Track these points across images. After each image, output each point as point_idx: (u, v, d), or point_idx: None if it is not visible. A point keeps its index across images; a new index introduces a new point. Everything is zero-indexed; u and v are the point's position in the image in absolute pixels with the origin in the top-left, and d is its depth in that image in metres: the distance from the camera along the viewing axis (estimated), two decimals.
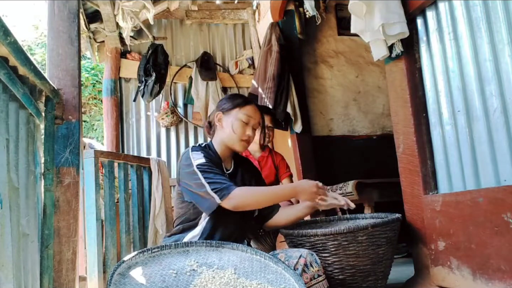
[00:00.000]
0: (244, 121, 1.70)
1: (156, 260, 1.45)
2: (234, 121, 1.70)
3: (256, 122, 1.74)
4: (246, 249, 1.53)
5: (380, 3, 1.91)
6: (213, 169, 1.59)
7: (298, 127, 3.51)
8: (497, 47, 1.62)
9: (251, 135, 1.71)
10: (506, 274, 1.54)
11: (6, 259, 1.09)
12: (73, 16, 1.78)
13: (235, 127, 1.70)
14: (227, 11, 4.59)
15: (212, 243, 1.55)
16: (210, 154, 1.68)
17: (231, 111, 1.73)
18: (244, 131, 1.70)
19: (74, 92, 1.72)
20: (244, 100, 1.76)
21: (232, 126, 1.70)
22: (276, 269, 1.45)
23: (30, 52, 8.92)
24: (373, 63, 4.03)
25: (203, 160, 1.60)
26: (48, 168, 1.59)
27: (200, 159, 1.61)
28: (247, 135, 1.70)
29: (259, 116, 1.76)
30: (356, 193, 2.98)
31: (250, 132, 1.71)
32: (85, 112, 8.26)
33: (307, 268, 1.48)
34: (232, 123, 1.70)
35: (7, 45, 1.14)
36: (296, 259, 1.49)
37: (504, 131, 1.60)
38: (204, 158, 1.61)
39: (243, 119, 1.70)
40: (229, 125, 1.71)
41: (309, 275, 1.47)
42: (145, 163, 2.97)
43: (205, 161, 1.60)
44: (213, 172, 1.58)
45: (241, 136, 1.70)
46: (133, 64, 4.28)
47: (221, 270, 1.41)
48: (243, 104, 1.73)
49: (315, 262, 1.51)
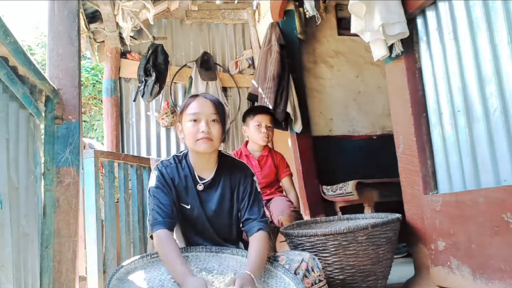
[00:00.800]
0: (192, 119, 1.53)
1: (155, 266, 1.45)
2: (185, 124, 1.56)
3: (209, 113, 1.53)
4: (246, 254, 1.52)
5: (380, 3, 1.91)
6: (156, 197, 1.52)
7: (298, 127, 3.51)
8: (497, 47, 1.62)
9: (206, 130, 1.51)
10: (506, 274, 1.54)
11: (6, 259, 1.09)
12: (73, 16, 1.78)
13: (186, 131, 1.55)
14: (227, 11, 4.59)
15: (212, 249, 1.55)
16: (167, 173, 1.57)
17: (181, 116, 1.59)
18: (196, 130, 1.52)
19: (74, 92, 1.72)
20: (189, 98, 1.60)
21: (185, 130, 1.56)
22: (276, 273, 1.45)
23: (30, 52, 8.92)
24: (373, 63, 4.02)
25: (153, 183, 1.55)
26: (48, 168, 1.59)
27: (152, 180, 1.57)
28: (202, 132, 1.51)
29: (211, 107, 1.54)
30: (356, 193, 2.98)
31: (203, 128, 1.51)
32: (85, 112, 8.26)
33: (309, 273, 1.46)
34: (184, 128, 1.57)
35: (7, 45, 1.14)
36: (298, 263, 1.47)
37: (504, 131, 1.60)
38: (156, 180, 1.55)
39: (190, 118, 1.53)
40: (184, 131, 1.57)
41: (310, 280, 1.45)
42: (145, 163, 2.97)
43: (154, 186, 1.54)
44: (156, 200, 1.52)
45: (195, 136, 1.52)
46: (133, 64, 4.28)
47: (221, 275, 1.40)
48: (187, 103, 1.57)
49: (317, 267, 1.49)
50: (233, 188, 1.62)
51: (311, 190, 3.48)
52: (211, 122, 1.54)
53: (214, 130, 1.53)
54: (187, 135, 1.55)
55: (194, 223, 1.60)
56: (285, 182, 2.69)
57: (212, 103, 1.56)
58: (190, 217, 1.59)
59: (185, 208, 1.58)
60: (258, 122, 2.57)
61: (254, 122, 2.58)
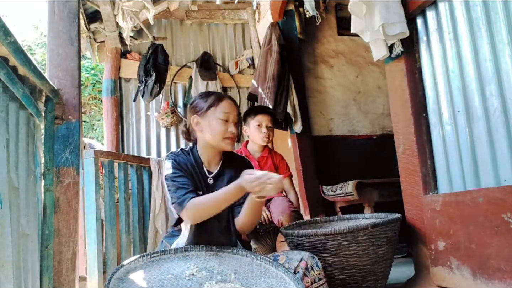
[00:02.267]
0: (223, 119, 1.62)
1: (155, 265, 1.45)
2: (213, 121, 1.62)
3: (235, 115, 1.66)
4: (246, 253, 1.53)
5: (380, 3, 1.91)
6: (176, 180, 1.55)
7: (298, 127, 3.51)
8: (497, 47, 1.62)
9: (234, 131, 1.63)
10: (506, 274, 1.54)
11: (6, 259, 1.09)
12: (73, 16, 1.78)
13: (215, 128, 1.62)
14: (227, 11, 4.59)
15: (212, 248, 1.55)
16: (181, 161, 1.62)
17: (207, 112, 1.64)
18: (226, 129, 1.62)
19: (74, 92, 1.72)
20: (218, 97, 1.67)
21: (212, 127, 1.63)
22: (276, 273, 1.45)
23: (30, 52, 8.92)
24: (373, 63, 4.03)
25: (170, 170, 1.58)
26: (48, 168, 1.59)
27: (168, 169, 1.59)
28: (230, 132, 1.62)
29: (236, 109, 1.67)
30: (356, 193, 2.98)
31: (232, 129, 1.62)
32: (85, 112, 8.26)
33: (308, 271, 1.47)
34: (210, 124, 1.63)
35: (7, 45, 1.14)
36: (297, 262, 1.48)
37: (504, 131, 1.60)
38: (171, 168, 1.58)
39: (221, 117, 1.62)
40: (208, 126, 1.63)
41: (310, 279, 1.46)
42: (145, 163, 2.97)
43: (171, 172, 1.57)
44: (176, 182, 1.54)
45: (224, 135, 1.62)
46: (133, 64, 4.28)
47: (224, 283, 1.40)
48: (217, 101, 1.65)
49: (316, 266, 1.50)
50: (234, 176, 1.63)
51: (311, 190, 3.48)
52: (235, 124, 1.65)
53: (236, 131, 1.66)
54: (214, 131, 1.61)
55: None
56: (285, 183, 2.68)
57: (236, 106, 1.69)
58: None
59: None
60: (258, 122, 2.57)
61: (254, 122, 2.58)
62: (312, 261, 1.50)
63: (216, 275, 1.41)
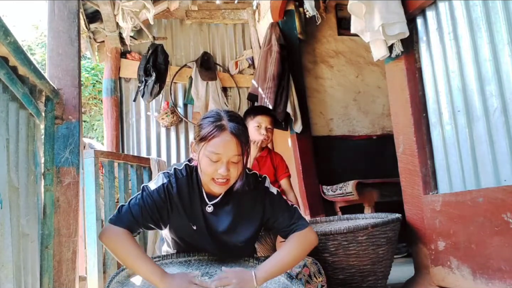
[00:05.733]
0: (212, 160, 1.33)
1: None
2: (202, 157, 1.35)
3: (232, 155, 1.33)
4: (249, 259, 1.51)
5: (380, 3, 1.91)
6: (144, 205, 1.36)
7: (298, 127, 3.51)
8: (497, 47, 1.62)
9: (225, 174, 1.33)
10: (506, 274, 1.54)
11: (6, 259, 1.09)
12: (73, 16, 1.78)
13: (203, 166, 1.36)
14: (227, 11, 4.59)
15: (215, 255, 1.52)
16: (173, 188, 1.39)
17: (200, 143, 1.37)
18: (214, 170, 1.33)
19: (74, 92, 1.72)
20: (214, 130, 1.33)
21: (201, 162, 1.36)
22: (279, 279, 1.43)
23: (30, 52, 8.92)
24: (373, 63, 4.03)
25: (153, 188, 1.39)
26: (48, 168, 1.59)
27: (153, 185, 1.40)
28: (219, 175, 1.33)
29: (233, 148, 1.32)
30: (356, 193, 2.98)
31: (223, 171, 1.32)
32: (85, 112, 8.26)
33: (311, 278, 1.45)
34: (201, 159, 1.36)
35: (7, 45, 1.14)
36: (300, 268, 1.46)
37: (504, 131, 1.60)
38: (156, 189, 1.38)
39: (210, 157, 1.33)
40: (199, 159, 1.37)
41: (312, 286, 1.45)
42: (145, 163, 2.97)
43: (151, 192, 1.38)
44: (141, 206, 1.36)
45: (210, 176, 1.35)
46: (133, 64, 4.28)
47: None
48: (210, 136, 1.33)
49: (319, 272, 1.48)
50: (247, 206, 1.46)
51: (311, 190, 3.48)
52: (232, 163, 1.35)
53: (234, 171, 1.35)
54: (203, 169, 1.37)
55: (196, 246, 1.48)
56: (283, 184, 2.69)
57: (238, 141, 1.34)
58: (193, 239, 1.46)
59: (189, 229, 1.43)
60: (258, 123, 2.56)
61: (254, 123, 2.58)
62: (314, 268, 1.48)
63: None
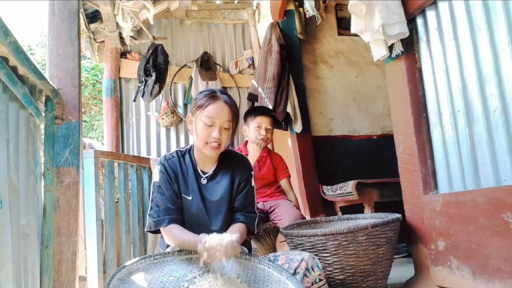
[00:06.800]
0: (206, 124, 1.53)
1: (158, 267, 1.44)
2: (198, 123, 1.56)
3: (224, 121, 1.54)
4: (250, 257, 1.52)
5: (380, 3, 1.91)
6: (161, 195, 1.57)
7: (298, 127, 3.51)
8: (497, 47, 1.62)
9: (218, 137, 1.53)
10: (506, 274, 1.54)
11: (6, 259, 1.09)
12: (73, 16, 1.78)
13: (198, 131, 1.56)
14: (227, 11, 4.59)
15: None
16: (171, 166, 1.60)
17: (196, 112, 1.58)
18: (208, 134, 1.53)
19: (74, 92, 1.72)
20: (209, 98, 1.56)
21: (197, 129, 1.57)
22: (279, 278, 1.43)
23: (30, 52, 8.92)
24: (373, 63, 4.03)
25: (157, 178, 1.59)
26: (48, 168, 1.59)
27: (156, 176, 1.60)
28: (213, 138, 1.53)
29: (227, 114, 1.55)
30: (356, 193, 2.98)
31: (216, 134, 1.52)
32: (85, 112, 8.25)
33: (308, 272, 1.46)
34: (197, 126, 1.57)
35: (7, 45, 1.14)
36: (297, 262, 1.48)
37: (504, 131, 1.60)
38: (159, 174, 1.59)
39: (205, 121, 1.53)
40: (195, 128, 1.58)
41: (310, 279, 1.45)
42: (145, 163, 2.97)
43: (158, 180, 1.58)
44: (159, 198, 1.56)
45: (205, 139, 1.54)
46: (133, 64, 4.28)
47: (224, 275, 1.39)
48: (206, 102, 1.55)
49: (317, 266, 1.49)
50: (233, 181, 1.66)
51: (311, 190, 3.48)
52: (224, 129, 1.55)
53: (225, 137, 1.56)
54: (198, 134, 1.56)
55: (192, 215, 1.61)
56: (283, 184, 2.69)
57: (230, 109, 1.57)
58: (189, 209, 1.61)
59: (186, 200, 1.60)
60: (258, 124, 2.56)
61: (254, 123, 2.58)
62: (312, 262, 1.50)
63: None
